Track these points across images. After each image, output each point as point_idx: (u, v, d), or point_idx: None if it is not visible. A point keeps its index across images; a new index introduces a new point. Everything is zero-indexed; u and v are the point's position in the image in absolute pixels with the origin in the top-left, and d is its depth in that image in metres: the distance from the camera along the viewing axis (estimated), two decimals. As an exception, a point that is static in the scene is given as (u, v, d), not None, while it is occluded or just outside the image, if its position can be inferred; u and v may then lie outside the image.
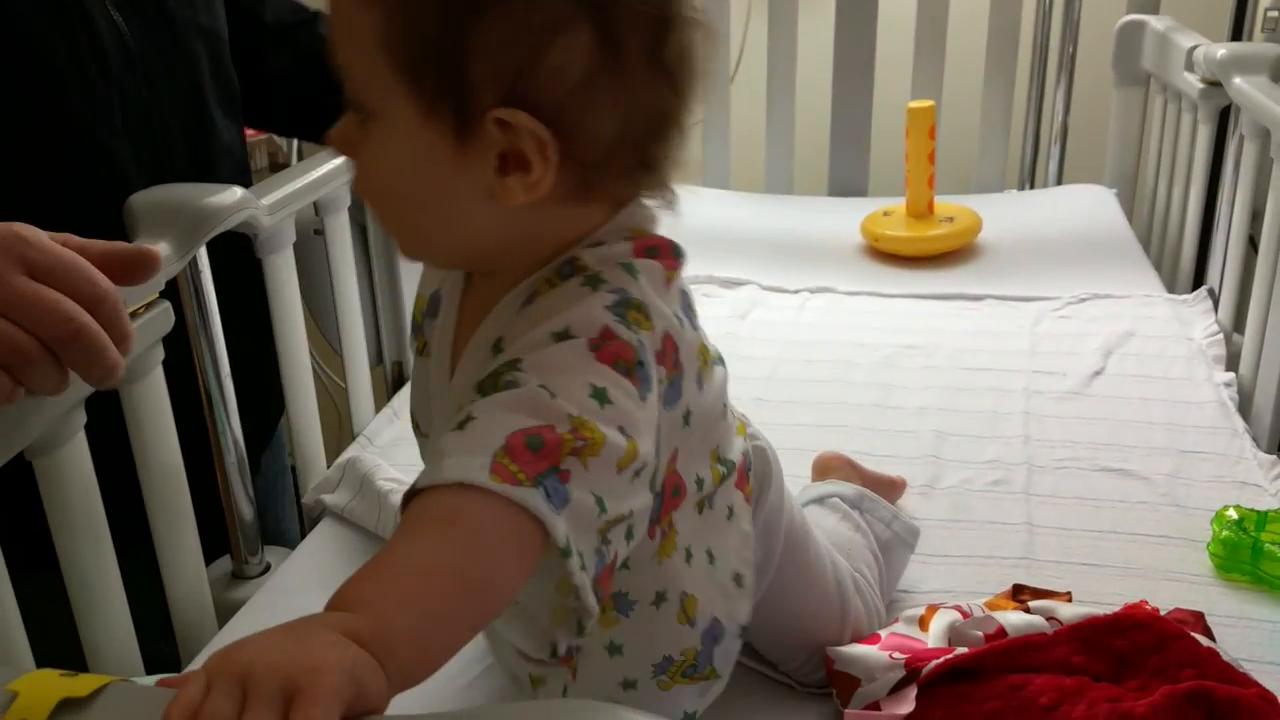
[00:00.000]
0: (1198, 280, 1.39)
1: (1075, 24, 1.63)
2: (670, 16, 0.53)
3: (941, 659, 0.72)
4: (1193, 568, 0.89)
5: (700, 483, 0.63)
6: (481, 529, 0.44)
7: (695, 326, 0.60)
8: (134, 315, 0.79)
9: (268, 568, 1.00)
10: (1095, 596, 0.84)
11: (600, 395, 0.49)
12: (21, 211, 0.80)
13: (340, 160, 1.01)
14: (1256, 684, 0.67)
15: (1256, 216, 1.36)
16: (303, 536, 1.04)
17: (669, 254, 0.57)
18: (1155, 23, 1.52)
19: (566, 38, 0.50)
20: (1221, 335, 1.23)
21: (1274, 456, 1.02)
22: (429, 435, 0.64)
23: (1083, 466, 1.03)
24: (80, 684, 0.40)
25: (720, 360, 0.66)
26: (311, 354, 1.06)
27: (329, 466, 1.07)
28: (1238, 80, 1.20)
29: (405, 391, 1.22)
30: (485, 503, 0.44)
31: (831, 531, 0.82)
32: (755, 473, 0.69)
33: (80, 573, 0.77)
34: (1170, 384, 1.16)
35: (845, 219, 1.57)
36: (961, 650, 0.73)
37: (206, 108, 0.94)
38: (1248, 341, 1.16)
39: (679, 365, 0.56)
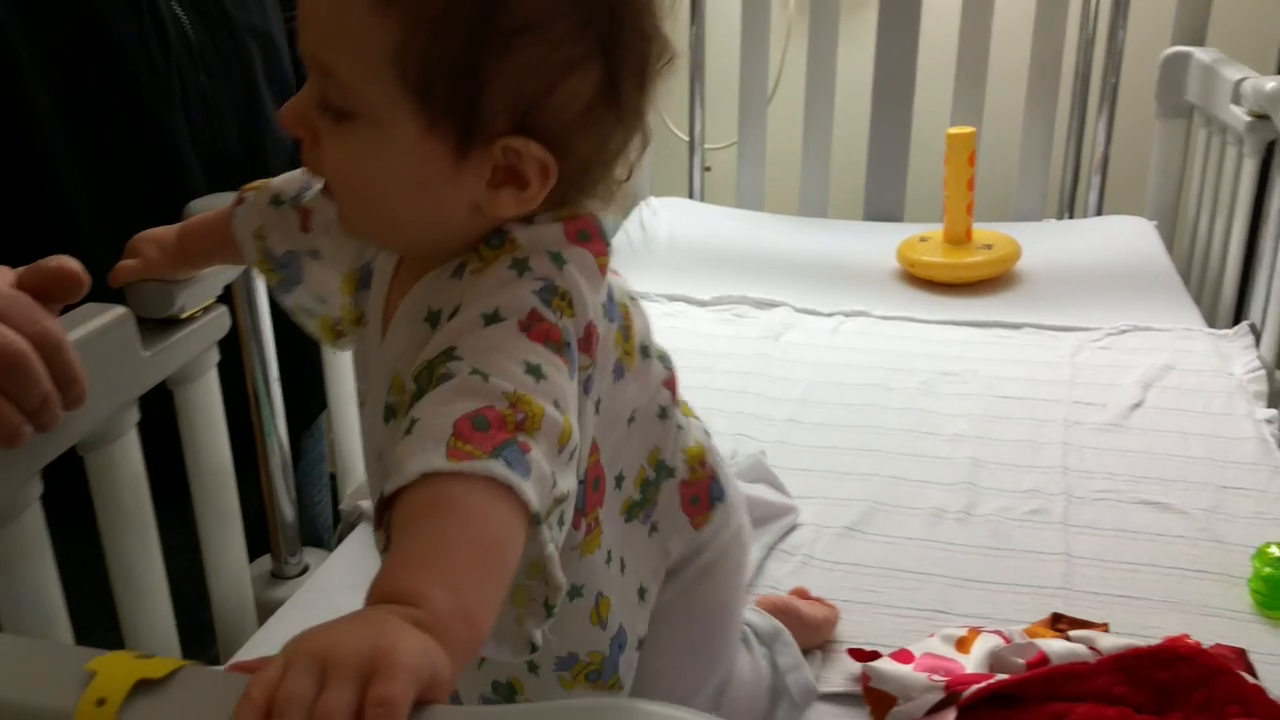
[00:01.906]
0: (1238, 315, 1.39)
1: (1119, 54, 1.63)
2: (657, 57, 0.55)
3: (983, 683, 0.72)
4: (1233, 604, 0.89)
5: (620, 480, 0.62)
6: (465, 503, 0.44)
7: (614, 318, 0.59)
8: (191, 319, 0.81)
9: (306, 568, 1.01)
10: (1134, 629, 0.84)
11: (535, 371, 0.49)
12: (83, 180, 0.84)
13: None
14: (1302, 722, 0.67)
15: None
16: (338, 539, 1.04)
17: (598, 237, 0.57)
18: (1201, 54, 1.52)
19: (578, 76, 0.52)
20: (1263, 371, 1.22)
21: (1316, 495, 1.02)
22: (365, 403, 0.64)
23: (1121, 499, 1.03)
24: (156, 666, 0.41)
25: (663, 358, 0.65)
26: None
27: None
28: (1286, 115, 1.20)
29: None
30: (456, 483, 0.44)
31: None
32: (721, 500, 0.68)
33: (126, 566, 0.78)
34: (1210, 419, 1.15)
35: (881, 243, 1.57)
36: (1003, 676, 0.73)
37: (259, 99, 0.99)
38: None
39: (596, 356, 0.56)
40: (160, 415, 0.81)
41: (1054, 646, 0.76)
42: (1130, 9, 1.61)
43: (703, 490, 0.67)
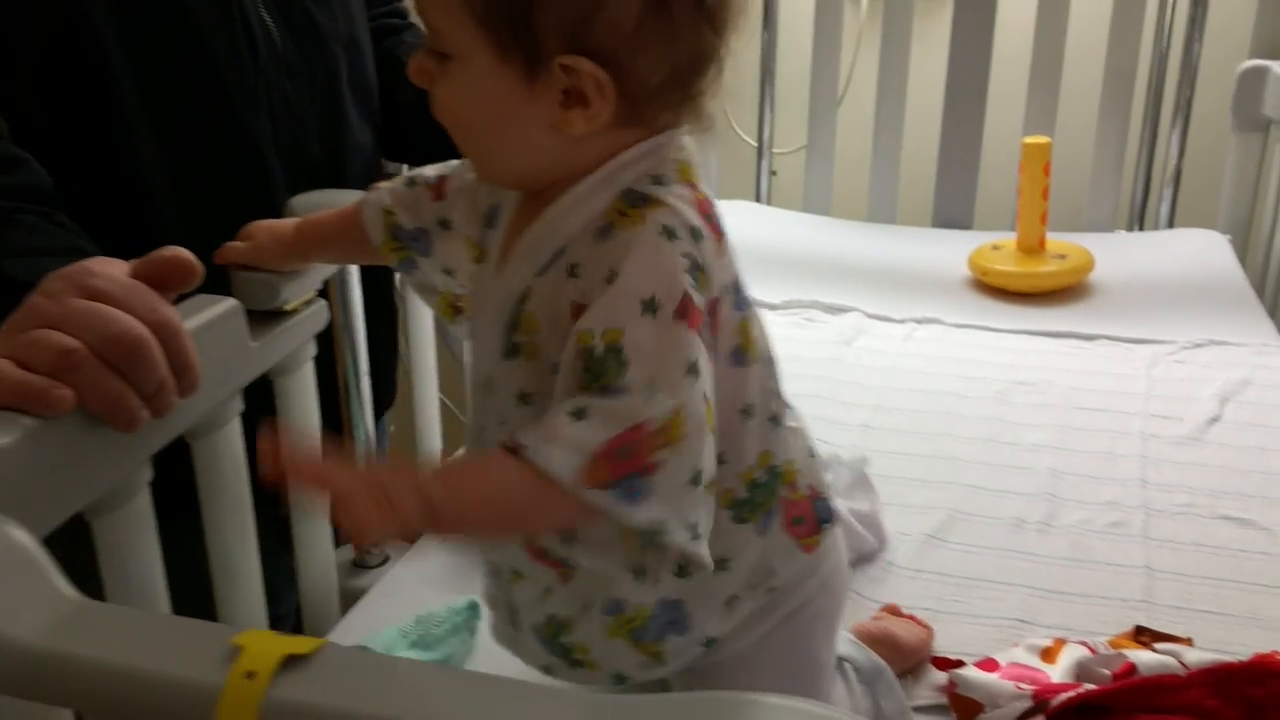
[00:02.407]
0: (1315, 332, 1.37)
1: (1194, 67, 1.62)
2: None
3: (1072, 693, 0.72)
4: (1318, 622, 0.88)
5: (722, 461, 0.61)
6: (554, 511, 0.54)
7: (740, 306, 0.63)
8: (293, 312, 0.83)
9: (386, 558, 1.03)
10: (1218, 645, 0.83)
11: (693, 369, 0.54)
12: (171, 185, 0.86)
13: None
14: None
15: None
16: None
17: (717, 225, 0.60)
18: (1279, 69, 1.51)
19: None
20: (1344, 389, 1.21)
21: (1402, 515, 1.00)
22: (476, 335, 0.68)
23: (1201, 514, 1.02)
24: (300, 643, 0.42)
25: (769, 359, 0.66)
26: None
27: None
28: (1375, 132, 1.18)
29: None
30: (563, 497, 0.52)
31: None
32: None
33: (225, 553, 0.80)
34: (1289, 435, 1.14)
35: (950, 251, 1.57)
36: (1090, 686, 0.73)
37: (342, 105, 1.00)
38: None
39: (717, 333, 0.60)
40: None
41: (1142, 658, 0.76)
42: (1207, 21, 1.60)
43: (807, 510, 0.67)
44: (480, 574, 0.73)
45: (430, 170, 0.74)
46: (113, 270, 0.66)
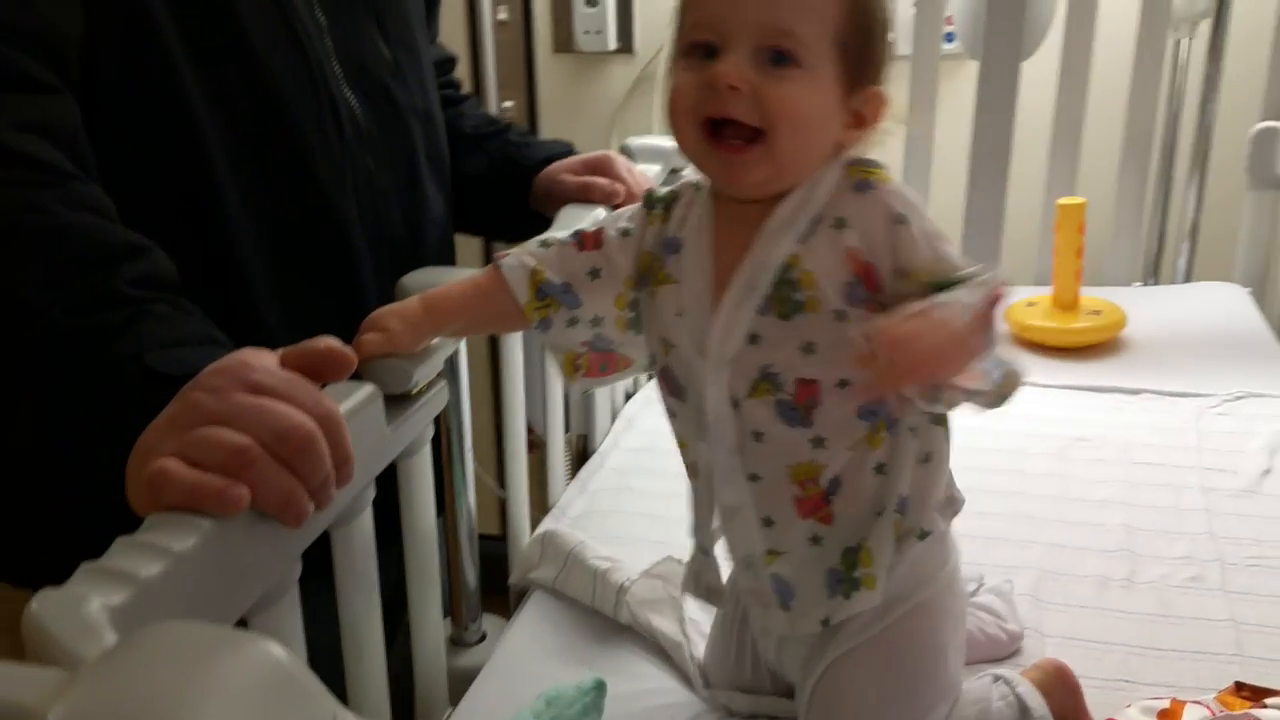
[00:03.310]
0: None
1: (1209, 127, 1.68)
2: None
3: (1212, 756, 0.74)
4: (1407, 671, 0.91)
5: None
6: (982, 332, 0.66)
7: None
8: (420, 394, 0.84)
9: (483, 636, 1.03)
10: (1319, 697, 0.86)
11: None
12: (260, 255, 0.89)
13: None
14: None
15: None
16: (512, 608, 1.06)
17: None
18: (1294, 130, 1.57)
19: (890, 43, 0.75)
20: (1385, 439, 1.26)
21: None
22: (678, 345, 0.76)
23: (1273, 565, 1.05)
24: None
25: None
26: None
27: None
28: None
29: (593, 463, 1.26)
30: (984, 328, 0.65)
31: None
32: None
33: (357, 634, 0.80)
34: (1342, 486, 1.18)
35: (983, 307, 1.60)
36: (1227, 748, 0.75)
37: (419, 178, 1.02)
38: None
39: None
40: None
41: (1268, 716, 0.78)
42: (1221, 82, 1.66)
43: None
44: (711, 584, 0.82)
45: (551, 236, 0.80)
46: (269, 362, 0.66)
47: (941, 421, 0.76)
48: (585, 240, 0.79)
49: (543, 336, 0.80)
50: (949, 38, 1.78)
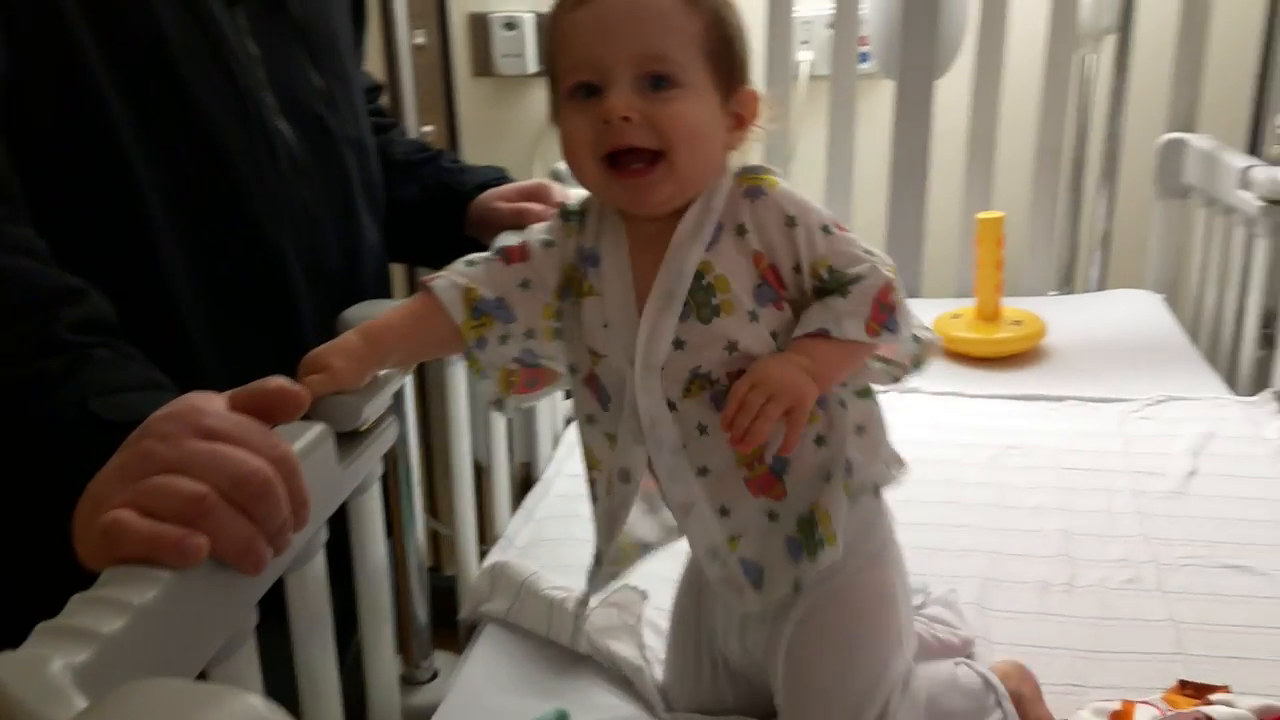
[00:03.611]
0: (1257, 382, 1.48)
1: (1118, 139, 1.74)
2: None
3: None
4: (1336, 660, 0.95)
5: None
6: (862, 354, 0.76)
7: None
8: (370, 430, 0.82)
9: (435, 674, 1.01)
10: (1255, 689, 0.89)
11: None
12: (194, 289, 0.87)
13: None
14: None
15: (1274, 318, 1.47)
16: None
17: None
18: (1197, 141, 1.64)
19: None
20: (1299, 435, 1.31)
21: (1383, 552, 1.09)
22: (607, 355, 0.78)
23: (1205, 564, 1.09)
24: None
25: None
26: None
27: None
28: (1310, 201, 1.30)
29: (537, 491, 1.25)
30: (863, 345, 0.74)
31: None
32: None
33: (313, 676, 0.79)
34: (1263, 482, 1.23)
35: (909, 320, 1.64)
36: (1181, 747, 0.77)
37: (355, 208, 1.01)
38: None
39: None
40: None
41: (1220, 713, 0.80)
42: (1127, 96, 1.73)
43: None
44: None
45: (476, 255, 0.81)
46: (218, 406, 0.65)
47: (866, 394, 0.81)
48: (511, 254, 0.80)
49: (479, 355, 0.80)
50: (864, 58, 1.81)
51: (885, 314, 0.73)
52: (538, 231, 0.81)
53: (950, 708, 0.84)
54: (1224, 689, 0.90)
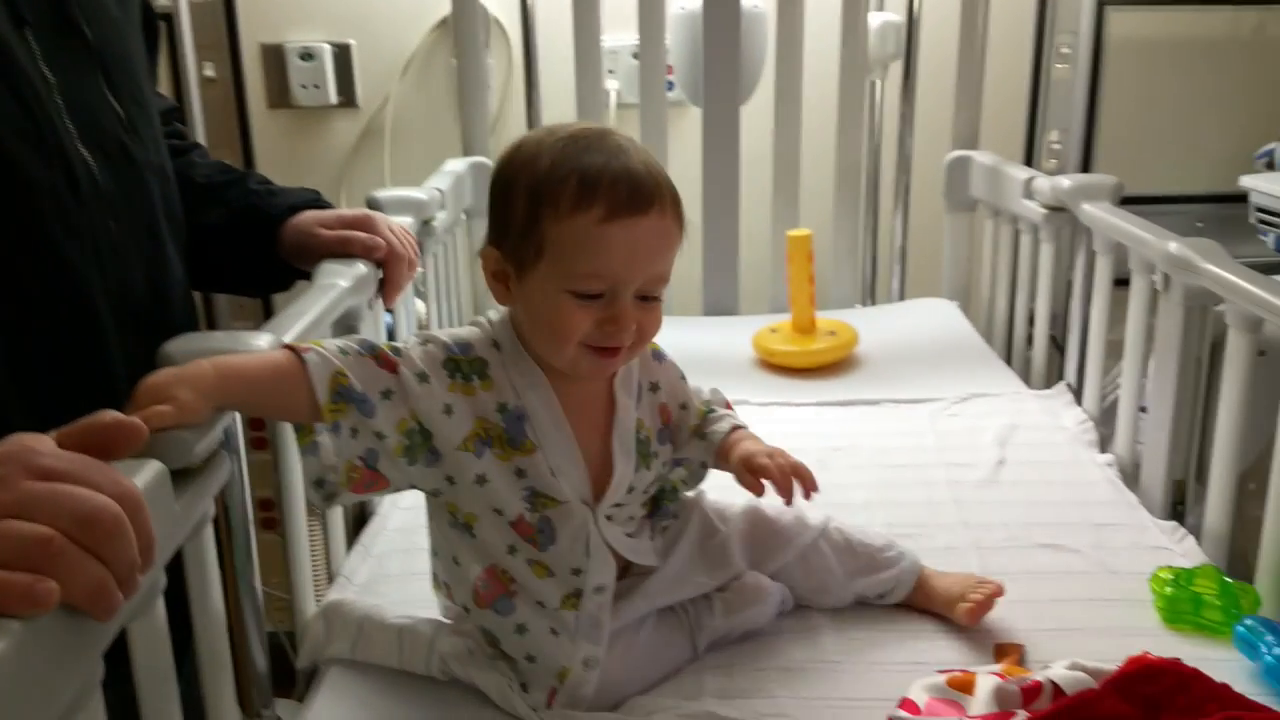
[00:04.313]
0: (1049, 377, 1.60)
1: (908, 158, 1.85)
2: None
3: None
4: (1145, 623, 1.02)
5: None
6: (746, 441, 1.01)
7: None
8: (203, 468, 0.78)
9: (278, 720, 0.96)
10: (1076, 656, 0.95)
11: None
12: None
13: (344, 287, 1.05)
14: (1274, 710, 0.80)
15: (1057, 317, 1.59)
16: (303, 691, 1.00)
17: None
18: (980, 157, 1.76)
19: None
20: (1091, 423, 1.42)
21: (1172, 523, 1.19)
22: (568, 501, 0.89)
23: (1021, 545, 1.16)
24: None
25: None
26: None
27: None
28: (1086, 206, 1.41)
29: (373, 527, 1.21)
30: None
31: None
32: None
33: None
34: (1064, 467, 1.32)
35: (728, 336, 1.69)
36: (1023, 714, 0.81)
37: (160, 238, 0.97)
38: (1121, 429, 1.35)
39: None
40: None
41: (1060, 675, 0.85)
42: (914, 117, 1.84)
43: None
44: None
45: (348, 344, 0.85)
46: (49, 445, 0.61)
47: None
48: (383, 360, 0.86)
49: (331, 439, 0.82)
50: (670, 86, 1.86)
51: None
52: (412, 364, 0.86)
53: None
54: (1019, 646, 0.97)
